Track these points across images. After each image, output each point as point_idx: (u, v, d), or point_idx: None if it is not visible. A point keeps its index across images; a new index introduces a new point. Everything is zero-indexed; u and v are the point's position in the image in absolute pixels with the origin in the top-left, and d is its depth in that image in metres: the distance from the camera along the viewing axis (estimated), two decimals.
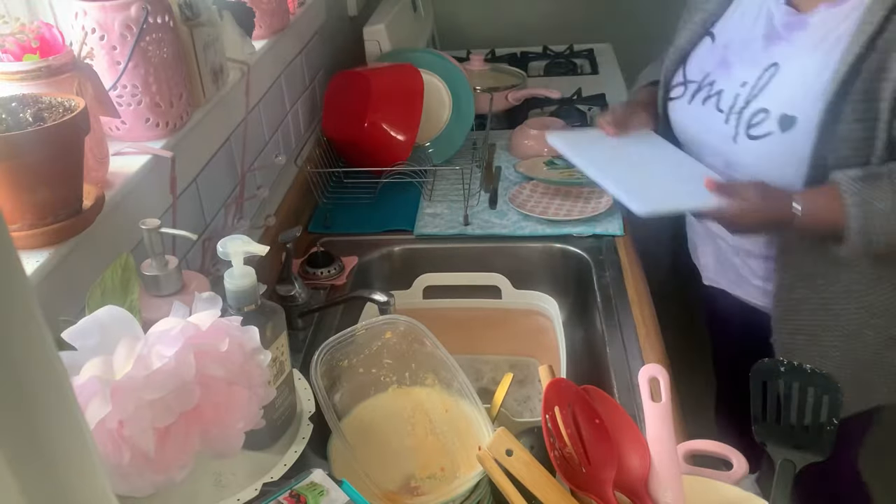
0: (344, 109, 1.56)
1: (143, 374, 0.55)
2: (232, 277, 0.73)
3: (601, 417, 0.76)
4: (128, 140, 0.91)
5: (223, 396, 0.61)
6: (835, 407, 0.81)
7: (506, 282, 1.33)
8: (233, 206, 1.16)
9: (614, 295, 1.23)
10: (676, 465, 0.72)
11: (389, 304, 1.04)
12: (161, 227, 0.74)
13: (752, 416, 0.83)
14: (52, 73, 0.74)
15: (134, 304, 0.68)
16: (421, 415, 0.86)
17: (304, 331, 1.18)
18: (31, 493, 0.28)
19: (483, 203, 1.48)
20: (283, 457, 0.77)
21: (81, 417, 0.32)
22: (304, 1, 1.54)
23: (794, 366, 0.84)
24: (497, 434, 0.73)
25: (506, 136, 1.72)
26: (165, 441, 0.57)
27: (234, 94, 1.12)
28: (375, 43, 1.78)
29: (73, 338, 0.59)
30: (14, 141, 0.65)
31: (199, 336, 0.59)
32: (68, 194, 0.72)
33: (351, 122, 1.52)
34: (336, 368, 0.89)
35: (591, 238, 1.37)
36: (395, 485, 0.78)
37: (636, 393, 1.00)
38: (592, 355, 1.22)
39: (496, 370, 1.24)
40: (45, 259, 0.69)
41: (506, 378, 0.89)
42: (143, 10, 0.85)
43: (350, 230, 1.43)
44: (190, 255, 1.01)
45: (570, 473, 0.71)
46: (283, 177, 1.43)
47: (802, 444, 0.80)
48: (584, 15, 2.38)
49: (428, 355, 0.89)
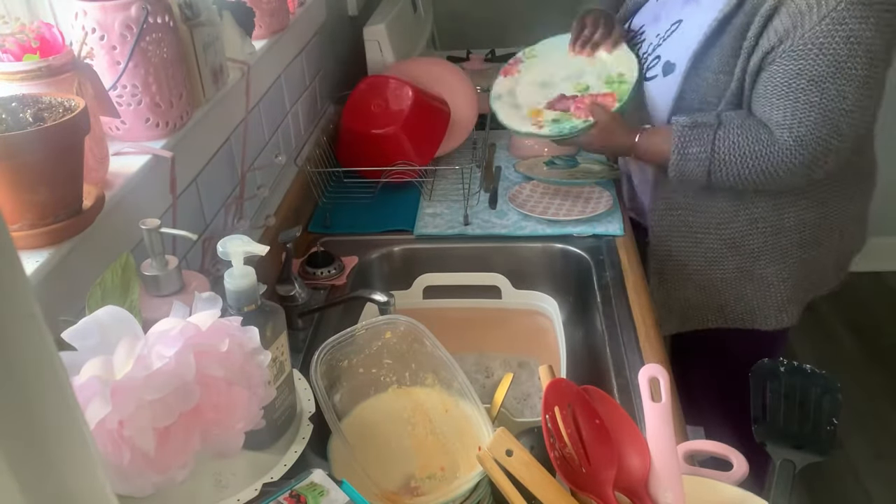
0: (374, 108, 1.56)
1: (143, 374, 0.55)
2: (232, 277, 0.73)
3: (601, 417, 0.76)
4: (128, 140, 0.91)
5: (223, 397, 0.61)
6: (835, 407, 0.81)
7: (506, 282, 1.33)
8: (233, 206, 1.16)
9: (614, 295, 1.23)
10: (676, 465, 0.72)
11: (389, 304, 1.04)
12: (161, 227, 0.74)
13: (751, 416, 0.83)
14: (52, 73, 0.74)
15: (134, 304, 0.68)
16: (421, 415, 0.86)
17: (304, 331, 1.18)
18: (31, 493, 0.28)
19: (483, 203, 1.48)
20: (283, 457, 0.77)
21: (81, 417, 0.32)
22: (304, 1, 1.54)
23: (795, 366, 0.84)
24: (497, 434, 0.73)
25: (506, 136, 1.72)
26: (165, 441, 0.57)
27: (234, 94, 1.12)
28: (375, 43, 1.78)
29: (73, 338, 0.59)
30: (14, 141, 0.65)
31: (199, 336, 0.59)
32: (68, 194, 0.72)
33: (377, 120, 1.53)
34: (336, 368, 0.89)
35: (591, 238, 1.37)
36: (395, 485, 0.78)
37: (636, 393, 1.00)
38: (592, 355, 1.22)
39: (506, 366, 1.24)
40: (45, 259, 0.69)
41: (506, 378, 0.89)
42: (143, 10, 0.85)
43: (350, 230, 1.43)
44: (190, 255, 1.01)
45: (570, 473, 0.71)
46: (283, 177, 1.43)
47: (802, 443, 0.80)
48: None
49: (428, 355, 0.89)
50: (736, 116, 1.19)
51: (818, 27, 1.07)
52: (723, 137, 1.17)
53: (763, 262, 1.33)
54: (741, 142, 1.17)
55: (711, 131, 1.18)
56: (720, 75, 1.18)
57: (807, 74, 1.10)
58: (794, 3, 1.09)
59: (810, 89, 1.10)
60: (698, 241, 1.35)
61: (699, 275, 1.37)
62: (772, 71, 1.13)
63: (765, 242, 1.31)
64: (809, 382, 0.83)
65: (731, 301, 1.38)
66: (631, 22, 1.43)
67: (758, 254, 1.32)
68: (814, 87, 1.10)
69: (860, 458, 2.04)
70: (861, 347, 2.46)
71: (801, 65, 1.09)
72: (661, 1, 1.36)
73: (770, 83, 1.13)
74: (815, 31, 1.07)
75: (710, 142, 1.18)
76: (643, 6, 1.41)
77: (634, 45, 1.38)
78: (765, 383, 0.84)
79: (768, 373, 0.84)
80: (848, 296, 2.49)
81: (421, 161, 1.50)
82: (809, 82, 1.10)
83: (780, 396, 0.83)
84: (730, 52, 1.16)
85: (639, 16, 1.42)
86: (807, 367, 0.84)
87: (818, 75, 1.09)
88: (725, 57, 1.16)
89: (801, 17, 1.08)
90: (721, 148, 1.18)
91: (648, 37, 1.35)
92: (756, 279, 1.35)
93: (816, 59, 1.08)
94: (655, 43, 1.31)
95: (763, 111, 1.16)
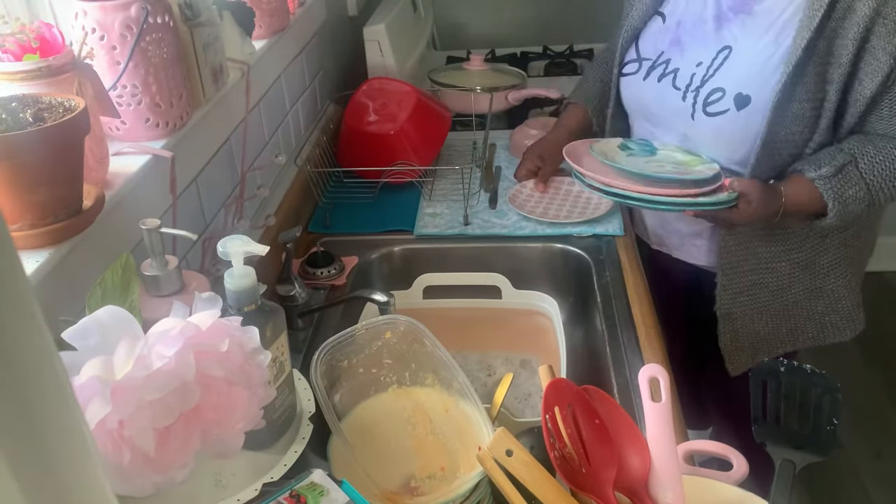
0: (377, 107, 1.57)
1: (143, 374, 0.55)
2: (232, 277, 0.73)
3: (601, 417, 0.76)
4: (128, 140, 0.91)
5: (223, 397, 0.61)
6: (835, 407, 0.81)
7: (506, 282, 1.33)
8: (233, 206, 1.16)
9: (614, 295, 1.23)
10: (676, 465, 0.72)
11: (389, 304, 1.04)
12: (161, 227, 0.74)
13: (751, 416, 0.83)
14: (52, 73, 0.74)
15: (134, 304, 0.68)
16: (421, 415, 0.86)
17: (304, 331, 1.18)
18: (31, 493, 0.28)
19: (483, 203, 1.48)
20: (283, 457, 0.77)
21: (81, 417, 0.32)
22: (304, 1, 1.54)
23: (795, 366, 0.84)
24: (497, 434, 0.73)
25: (506, 136, 1.72)
26: (165, 441, 0.57)
27: (234, 94, 1.12)
28: (375, 43, 1.78)
29: (73, 338, 0.59)
30: (14, 141, 0.65)
31: (199, 336, 0.59)
32: (68, 194, 0.72)
33: (379, 121, 1.53)
34: (336, 368, 0.89)
35: (591, 238, 1.37)
36: (395, 485, 0.78)
37: (636, 393, 1.00)
38: (592, 355, 1.22)
39: (508, 364, 1.24)
40: (45, 259, 0.69)
41: (506, 378, 0.89)
42: (143, 10, 0.85)
43: (350, 230, 1.43)
44: (190, 255, 1.01)
45: (570, 473, 0.71)
46: (283, 177, 1.43)
47: (802, 444, 0.80)
48: (584, 15, 2.38)
49: (428, 355, 0.89)
50: (860, 144, 1.15)
51: None
52: (868, 169, 1.14)
53: (833, 276, 1.31)
54: (890, 165, 1.14)
55: (855, 168, 1.14)
56: (804, 104, 1.13)
57: None
58: (890, 21, 1.06)
59: None
60: (770, 269, 1.30)
61: (770, 305, 1.33)
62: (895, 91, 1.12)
63: (835, 256, 1.29)
64: (809, 382, 0.83)
65: (801, 322, 1.35)
66: (637, 48, 1.33)
67: (828, 270, 1.30)
68: None
69: (860, 458, 2.04)
70: (861, 347, 2.46)
71: None
72: (675, 22, 1.27)
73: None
74: None
75: (861, 179, 1.14)
76: (644, 30, 1.33)
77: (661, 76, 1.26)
78: (765, 383, 0.84)
79: (768, 373, 0.84)
80: None
81: (421, 162, 1.50)
82: None
83: (780, 396, 0.83)
84: (813, 80, 1.12)
85: (646, 40, 1.32)
86: (807, 367, 0.84)
87: None
88: (809, 85, 1.12)
89: None
90: (874, 179, 1.14)
91: (682, 66, 1.24)
92: (826, 295, 1.33)
93: None
94: (703, 73, 1.21)
95: (895, 129, 1.15)
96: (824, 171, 1.14)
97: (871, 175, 1.14)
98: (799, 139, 1.16)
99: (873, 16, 1.06)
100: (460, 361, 1.26)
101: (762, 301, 1.33)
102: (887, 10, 1.06)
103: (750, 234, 1.27)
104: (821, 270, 1.30)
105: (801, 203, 1.17)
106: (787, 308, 1.34)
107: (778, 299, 1.33)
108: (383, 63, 1.79)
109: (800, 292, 1.32)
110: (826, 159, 1.15)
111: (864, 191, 1.14)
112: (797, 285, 1.31)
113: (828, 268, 1.30)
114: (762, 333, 1.36)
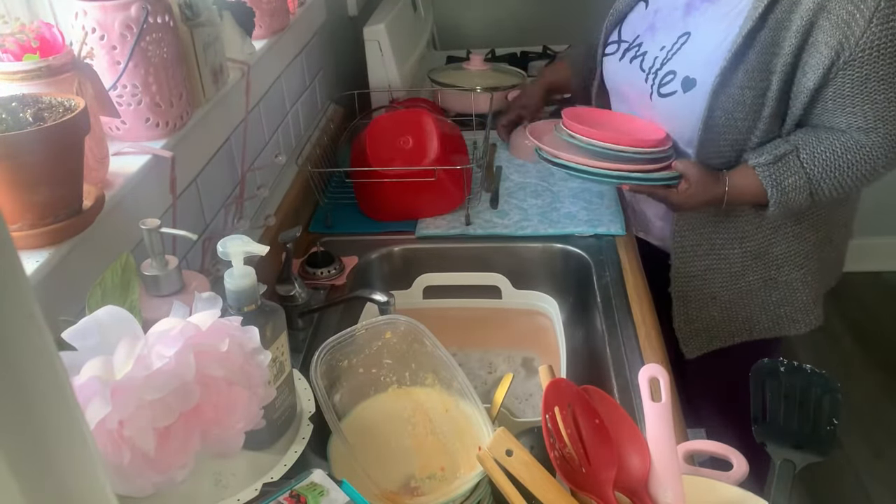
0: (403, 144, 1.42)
1: (143, 374, 0.55)
2: (232, 277, 0.73)
3: (601, 417, 0.76)
4: (128, 140, 0.91)
5: (223, 396, 0.61)
6: (835, 407, 0.81)
7: (506, 282, 1.33)
8: (233, 206, 1.16)
9: (614, 295, 1.23)
10: (676, 465, 0.72)
11: (389, 304, 1.04)
12: (161, 227, 0.74)
13: (751, 416, 0.83)
14: (52, 72, 0.74)
15: (134, 304, 0.68)
16: (421, 415, 0.86)
17: (304, 331, 1.18)
18: (31, 493, 0.28)
19: (484, 203, 1.48)
20: (283, 457, 0.77)
21: (81, 417, 0.32)
22: (304, 1, 1.54)
23: (794, 366, 0.84)
24: (497, 434, 0.73)
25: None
26: (165, 441, 0.57)
27: (234, 94, 1.12)
28: (375, 43, 1.78)
29: (73, 338, 0.59)
30: (14, 141, 0.65)
31: (199, 336, 0.59)
32: (68, 194, 0.72)
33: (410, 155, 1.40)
34: (336, 368, 0.89)
35: (591, 238, 1.37)
36: (395, 485, 0.78)
37: (636, 393, 1.00)
38: (592, 355, 1.22)
39: (509, 363, 1.24)
40: (45, 259, 0.69)
41: (506, 378, 0.89)
42: (143, 10, 0.85)
43: (350, 230, 1.43)
44: (190, 255, 1.01)
45: (570, 473, 0.71)
46: (283, 177, 1.43)
47: (802, 443, 0.80)
48: (584, 15, 2.38)
49: (428, 355, 0.89)
50: (804, 135, 1.18)
51: (869, 31, 1.07)
52: (809, 159, 1.17)
53: (787, 268, 1.33)
54: (830, 156, 1.16)
55: (796, 158, 1.17)
56: (745, 90, 1.16)
57: (875, 77, 1.10)
58: (833, 15, 1.08)
59: (883, 89, 1.11)
60: (722, 256, 1.33)
61: (724, 291, 1.36)
62: (838, 84, 1.12)
63: (788, 248, 1.31)
64: (809, 382, 0.83)
65: (756, 312, 1.37)
66: (620, 31, 1.38)
67: (781, 261, 1.32)
68: (885, 85, 1.11)
69: (860, 458, 2.04)
70: (861, 347, 2.47)
71: (867, 70, 1.10)
72: (654, 9, 1.32)
73: (840, 95, 1.13)
74: (867, 36, 1.07)
75: (801, 168, 1.17)
76: (629, 14, 1.38)
77: (633, 58, 1.32)
78: (765, 383, 0.84)
79: (768, 373, 0.84)
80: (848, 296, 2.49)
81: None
82: (880, 83, 1.11)
83: (780, 396, 0.83)
84: (756, 68, 1.14)
85: (628, 24, 1.37)
86: (807, 367, 0.84)
87: (886, 74, 1.10)
88: (751, 72, 1.15)
89: (848, 26, 1.07)
90: (814, 169, 1.17)
91: (650, 49, 1.29)
92: (781, 286, 1.35)
93: (879, 60, 1.09)
94: (663, 57, 1.26)
95: (839, 121, 1.16)
96: (764, 158, 1.18)
97: (812, 165, 1.17)
98: (742, 125, 1.19)
99: (817, 10, 1.08)
100: (461, 360, 1.27)
101: (716, 286, 1.36)
102: (831, 5, 1.08)
103: (703, 219, 1.31)
104: (774, 261, 1.33)
105: (745, 191, 1.21)
106: (741, 296, 1.36)
107: (732, 286, 1.36)
108: (383, 63, 1.79)
109: (754, 281, 1.35)
110: (769, 148, 1.19)
111: (805, 180, 1.17)
112: (751, 274, 1.34)
113: (781, 259, 1.32)
114: (717, 318, 1.39)
